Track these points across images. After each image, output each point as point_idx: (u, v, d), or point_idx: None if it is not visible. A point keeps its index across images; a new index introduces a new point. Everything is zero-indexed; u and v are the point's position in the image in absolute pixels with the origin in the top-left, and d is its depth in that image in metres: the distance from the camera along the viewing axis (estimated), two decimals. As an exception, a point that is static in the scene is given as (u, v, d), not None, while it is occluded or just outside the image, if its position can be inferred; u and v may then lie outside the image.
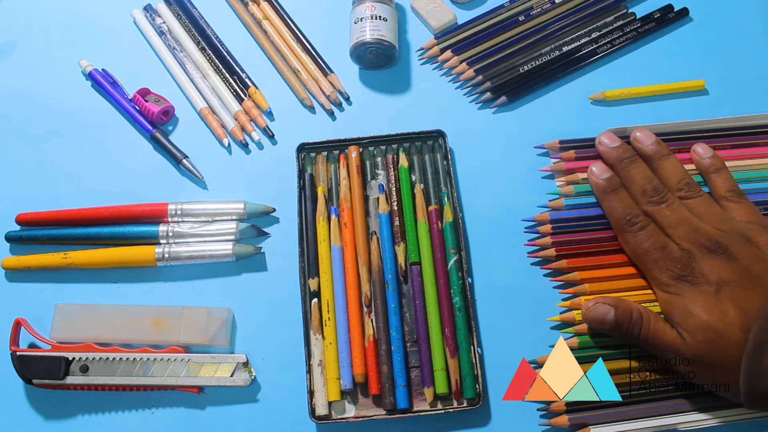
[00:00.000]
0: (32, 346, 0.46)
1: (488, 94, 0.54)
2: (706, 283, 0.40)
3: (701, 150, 0.48)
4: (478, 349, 0.45)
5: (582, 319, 0.43)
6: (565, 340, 0.43)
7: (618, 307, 0.41)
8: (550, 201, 0.49)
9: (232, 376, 0.44)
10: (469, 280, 0.47)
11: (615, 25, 0.56)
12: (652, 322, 0.41)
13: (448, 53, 0.56)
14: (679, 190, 0.45)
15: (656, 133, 0.50)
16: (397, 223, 0.48)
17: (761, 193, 0.48)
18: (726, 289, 0.40)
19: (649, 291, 0.44)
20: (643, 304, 0.43)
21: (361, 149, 0.51)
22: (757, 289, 0.39)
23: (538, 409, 0.43)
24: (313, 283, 0.47)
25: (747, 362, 0.37)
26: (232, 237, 0.48)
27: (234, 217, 0.49)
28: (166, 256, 0.47)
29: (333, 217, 0.49)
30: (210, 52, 0.57)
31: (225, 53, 0.56)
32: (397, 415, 0.43)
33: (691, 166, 0.48)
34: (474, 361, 0.44)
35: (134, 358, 0.44)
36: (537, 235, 0.48)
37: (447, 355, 0.44)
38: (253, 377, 0.44)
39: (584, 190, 0.48)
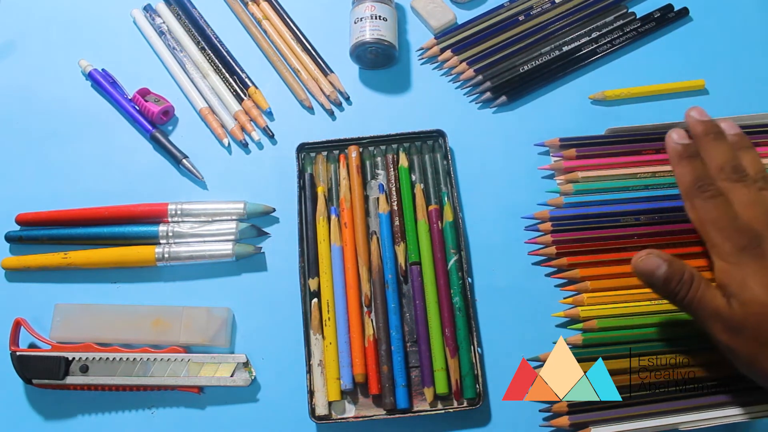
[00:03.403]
0: (32, 346, 0.46)
1: (488, 94, 0.54)
2: None
3: None
4: (478, 349, 0.45)
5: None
6: (569, 336, 0.43)
7: (671, 264, 0.40)
8: (549, 199, 0.49)
9: (232, 376, 0.44)
10: (469, 280, 0.47)
11: (615, 25, 0.56)
12: (702, 286, 0.39)
13: (448, 53, 0.56)
14: (756, 181, 0.43)
15: (656, 133, 0.50)
16: (397, 223, 0.48)
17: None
18: None
19: (650, 289, 0.44)
20: (655, 301, 0.44)
21: (361, 149, 0.51)
22: None
23: (540, 410, 0.43)
24: (313, 283, 0.47)
25: None
26: (232, 237, 0.48)
27: (234, 217, 0.49)
28: (166, 256, 0.47)
29: (333, 217, 0.49)
30: (210, 52, 0.57)
31: (225, 53, 0.56)
32: (397, 415, 0.43)
33: None
34: (474, 361, 0.44)
35: (134, 358, 0.44)
36: (536, 233, 0.48)
37: (447, 355, 0.44)
38: (253, 377, 0.44)
39: (584, 188, 0.48)
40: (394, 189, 0.49)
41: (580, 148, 0.49)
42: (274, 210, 0.50)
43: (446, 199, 0.49)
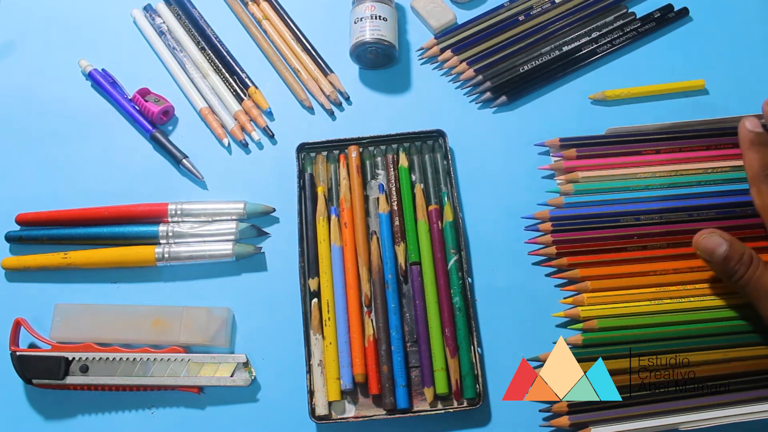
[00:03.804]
0: (32, 346, 0.46)
1: (488, 94, 0.54)
2: None
3: None
4: (478, 349, 0.45)
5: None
6: (569, 336, 0.43)
7: (732, 243, 0.41)
8: (549, 199, 0.49)
9: (232, 376, 0.44)
10: (469, 280, 0.47)
11: (615, 25, 0.56)
12: (761, 268, 0.41)
13: (448, 53, 0.56)
14: None
15: (656, 133, 0.50)
16: (397, 223, 0.48)
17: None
18: None
19: (650, 289, 0.45)
20: (655, 301, 0.44)
21: (361, 149, 0.51)
22: None
23: (540, 410, 0.43)
24: (313, 283, 0.47)
25: None
26: (232, 237, 0.48)
27: (234, 217, 0.49)
28: (166, 256, 0.47)
29: (333, 217, 0.49)
30: (210, 52, 0.57)
31: (225, 53, 0.56)
32: (397, 415, 0.43)
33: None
34: (474, 361, 0.44)
35: (134, 358, 0.44)
36: (537, 233, 0.48)
37: (447, 355, 0.44)
38: (253, 377, 0.44)
39: (584, 188, 0.48)
40: (394, 189, 0.49)
41: (580, 148, 0.49)
42: (274, 210, 0.50)
43: (446, 199, 0.49)
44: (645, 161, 0.49)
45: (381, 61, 0.55)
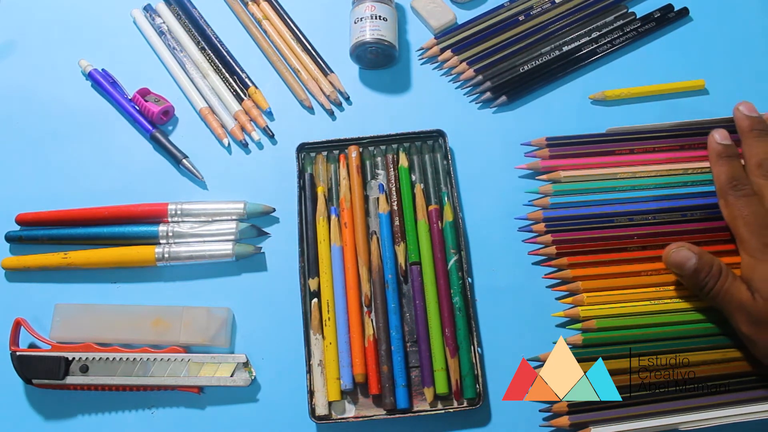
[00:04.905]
0: (32, 346, 0.46)
1: (488, 94, 0.54)
2: None
3: None
4: (478, 349, 0.45)
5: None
6: (569, 336, 0.43)
7: (701, 256, 0.42)
8: (535, 200, 0.49)
9: (232, 376, 0.44)
10: (469, 280, 0.47)
11: (615, 25, 0.56)
12: (729, 279, 0.41)
13: (448, 53, 0.56)
14: None
15: (656, 133, 0.50)
16: (397, 223, 0.48)
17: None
18: None
19: (649, 289, 0.45)
20: (655, 301, 0.44)
21: (361, 149, 0.51)
22: None
23: (540, 410, 0.43)
24: (313, 283, 0.47)
25: None
26: (232, 237, 0.48)
27: (234, 217, 0.49)
28: (166, 256, 0.47)
29: (333, 217, 0.49)
30: (210, 52, 0.57)
31: (225, 53, 0.56)
32: (397, 415, 0.43)
33: None
34: (474, 361, 0.44)
35: (134, 358, 0.44)
36: (531, 234, 0.48)
37: (447, 355, 0.44)
38: (253, 377, 0.44)
39: (564, 189, 0.48)
40: (394, 189, 0.49)
41: (552, 148, 0.49)
42: (274, 210, 0.50)
43: (446, 199, 0.49)
44: (635, 161, 0.49)
45: (381, 61, 0.55)
